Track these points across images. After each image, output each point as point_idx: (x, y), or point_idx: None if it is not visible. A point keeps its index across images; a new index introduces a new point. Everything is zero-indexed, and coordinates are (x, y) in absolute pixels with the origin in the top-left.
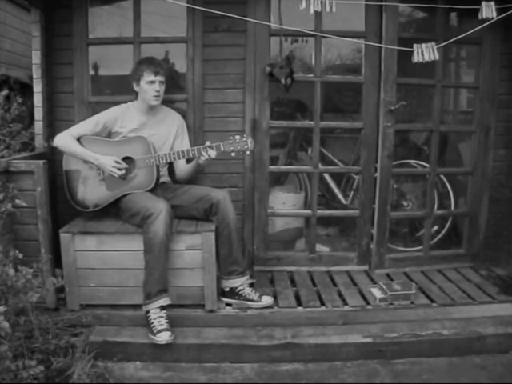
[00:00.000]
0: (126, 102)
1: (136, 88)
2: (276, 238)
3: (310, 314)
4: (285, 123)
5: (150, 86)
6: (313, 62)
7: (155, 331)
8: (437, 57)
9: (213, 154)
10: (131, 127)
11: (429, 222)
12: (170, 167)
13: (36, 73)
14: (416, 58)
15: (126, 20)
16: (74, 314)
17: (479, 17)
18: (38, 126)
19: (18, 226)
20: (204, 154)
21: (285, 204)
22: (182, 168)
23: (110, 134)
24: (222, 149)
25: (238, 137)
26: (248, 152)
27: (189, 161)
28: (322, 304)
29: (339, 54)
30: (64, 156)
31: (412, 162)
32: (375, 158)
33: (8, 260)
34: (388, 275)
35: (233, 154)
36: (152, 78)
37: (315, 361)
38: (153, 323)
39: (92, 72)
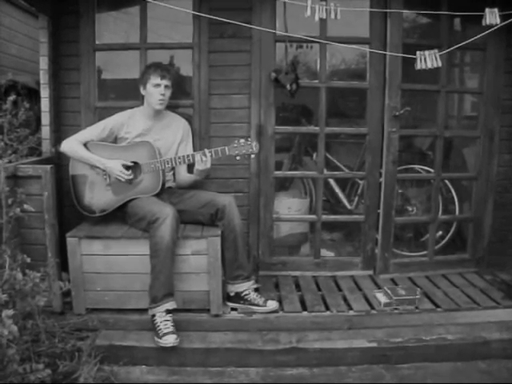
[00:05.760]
0: (132, 108)
1: (143, 92)
2: (281, 242)
3: (315, 319)
4: (290, 129)
5: (156, 89)
6: (318, 67)
7: (161, 334)
8: (439, 64)
9: (208, 160)
10: (137, 132)
11: (433, 227)
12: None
13: (43, 78)
14: (419, 65)
15: (133, 26)
16: (80, 317)
17: (483, 23)
18: (45, 131)
19: (26, 230)
20: (203, 157)
21: (290, 209)
22: (183, 176)
23: (116, 140)
24: (227, 152)
25: (242, 140)
26: (253, 156)
27: (190, 169)
28: (327, 309)
29: (344, 59)
30: (70, 161)
31: (417, 167)
32: (380, 163)
33: (16, 264)
34: (393, 280)
35: (238, 158)
36: (158, 81)
37: (320, 365)
38: (159, 326)
39: (98, 77)
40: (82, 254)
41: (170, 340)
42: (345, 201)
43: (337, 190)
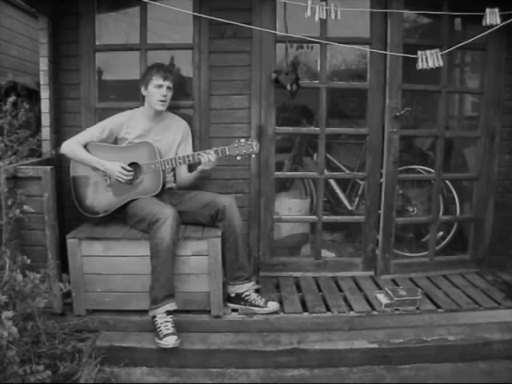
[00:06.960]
0: (132, 108)
1: (144, 92)
2: (282, 243)
3: (316, 320)
4: (290, 129)
5: (158, 90)
6: (318, 67)
7: (162, 335)
8: (441, 64)
9: (213, 157)
10: (137, 133)
11: (434, 228)
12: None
13: (43, 79)
14: (420, 65)
15: (133, 27)
16: (80, 319)
17: (483, 23)
18: (46, 132)
19: (26, 232)
20: (207, 157)
21: (290, 210)
22: (184, 176)
23: (116, 140)
24: (228, 152)
25: (243, 140)
26: (253, 155)
27: (191, 170)
28: (328, 310)
29: (344, 60)
30: (71, 162)
31: (417, 167)
32: (380, 164)
33: (16, 265)
34: (393, 281)
35: (238, 158)
36: (160, 82)
37: (321, 366)
38: (159, 328)
39: (99, 78)
40: (83, 255)
41: (170, 341)
42: (345, 201)
43: (337, 190)
